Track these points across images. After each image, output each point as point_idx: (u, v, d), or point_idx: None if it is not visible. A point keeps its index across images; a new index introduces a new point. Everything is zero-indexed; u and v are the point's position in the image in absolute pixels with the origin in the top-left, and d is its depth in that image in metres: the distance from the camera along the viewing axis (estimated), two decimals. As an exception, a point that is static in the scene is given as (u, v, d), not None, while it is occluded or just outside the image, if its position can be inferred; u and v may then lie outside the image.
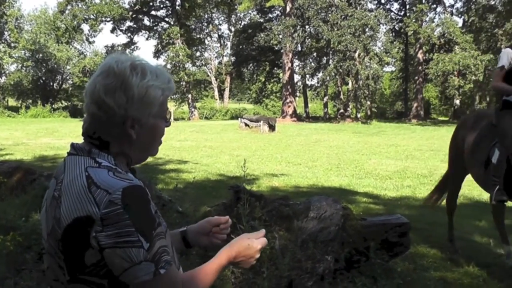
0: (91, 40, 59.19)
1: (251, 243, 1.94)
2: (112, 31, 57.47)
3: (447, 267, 6.56)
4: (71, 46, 57.75)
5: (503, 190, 5.77)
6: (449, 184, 7.79)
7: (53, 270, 1.83)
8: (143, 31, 60.11)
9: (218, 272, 1.89)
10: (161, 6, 58.42)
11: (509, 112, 5.74)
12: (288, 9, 48.66)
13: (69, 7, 51.92)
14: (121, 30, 58.21)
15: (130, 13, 55.10)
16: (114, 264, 1.68)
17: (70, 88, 61.78)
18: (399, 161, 18.55)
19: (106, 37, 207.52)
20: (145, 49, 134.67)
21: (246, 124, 34.64)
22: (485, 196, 11.71)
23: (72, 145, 1.89)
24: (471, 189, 12.60)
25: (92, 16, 52.36)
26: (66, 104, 60.18)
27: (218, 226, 2.28)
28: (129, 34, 58.97)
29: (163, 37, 55.57)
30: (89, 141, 1.86)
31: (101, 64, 1.90)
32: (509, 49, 5.80)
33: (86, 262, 1.72)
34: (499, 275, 6.24)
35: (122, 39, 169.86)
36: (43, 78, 59.31)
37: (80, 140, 1.92)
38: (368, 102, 51.47)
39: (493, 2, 51.08)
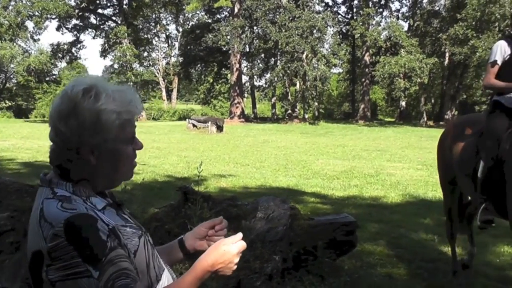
0: (36, 37, 57.64)
1: (227, 248, 1.84)
2: (58, 29, 56.43)
3: (393, 264, 6.66)
4: (15, 44, 56.16)
5: (491, 208, 4.97)
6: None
7: None
8: (90, 30, 59.30)
9: (195, 285, 1.80)
10: (108, 4, 57.74)
11: (500, 114, 5.08)
12: (236, 10, 48.67)
13: (12, 2, 50.77)
14: (67, 28, 57.24)
15: (76, 10, 54.15)
16: None
17: (14, 88, 60.22)
18: (346, 161, 18.75)
19: (52, 35, 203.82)
20: (92, 48, 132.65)
21: (194, 125, 34.53)
22: (429, 194, 11.99)
23: (40, 176, 1.85)
24: (416, 187, 12.89)
25: (36, 13, 51.08)
26: (10, 104, 58.80)
27: (213, 228, 2.21)
28: (75, 33, 58.07)
29: (110, 36, 54.92)
30: (53, 170, 1.84)
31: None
32: (502, 42, 5.20)
33: None
34: (444, 270, 6.39)
35: (68, 37, 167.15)
36: (-15, 77, 57.81)
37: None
38: (316, 103, 51.90)
39: (437, 8, 52.39)
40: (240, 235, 1.90)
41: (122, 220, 1.85)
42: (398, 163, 18.22)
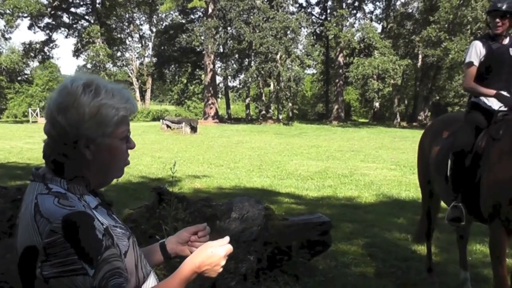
0: (7, 36, 56.84)
1: (215, 251, 1.88)
2: (30, 27, 55.73)
3: (367, 263, 6.71)
4: (-15, 42, 55.56)
5: (461, 207, 4.96)
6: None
7: None
8: (62, 29, 58.69)
9: (182, 285, 1.83)
10: (81, 3, 57.20)
11: (477, 113, 5.16)
12: (210, 10, 48.57)
13: (-18, 0, 49.93)
14: (39, 27, 56.55)
15: (49, 9, 53.52)
16: None
17: (-15, 87, 59.48)
18: (320, 161, 18.82)
19: (24, 33, 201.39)
20: (64, 47, 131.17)
21: (168, 126, 34.38)
22: (403, 194, 12.09)
23: (32, 171, 1.85)
24: (390, 187, 12.98)
25: (8, 11, 50.33)
26: (-19, 104, 58.06)
27: (196, 234, 2.23)
28: (47, 31, 57.40)
29: (83, 35, 54.43)
30: (47, 165, 1.83)
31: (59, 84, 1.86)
32: (477, 42, 5.25)
33: None
34: (417, 268, 6.46)
35: (41, 36, 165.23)
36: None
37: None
38: (290, 104, 52.02)
39: (410, 10, 52.88)
40: (227, 238, 1.94)
41: (113, 220, 1.87)
42: (372, 164, 18.33)
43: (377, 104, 55.98)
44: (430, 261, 6.14)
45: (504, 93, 4.95)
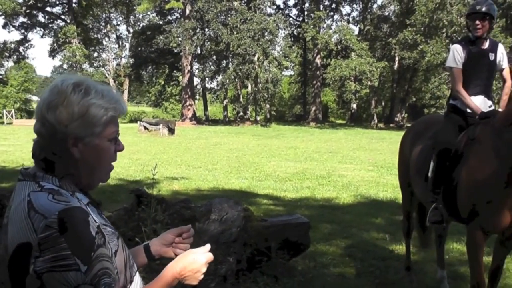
0: (-20, 35, 56.31)
1: (196, 258, 1.91)
2: (4, 26, 55.14)
3: (345, 263, 6.75)
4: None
5: (442, 208, 4.99)
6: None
7: None
8: (38, 28, 58.11)
9: None
10: (57, 2, 56.61)
11: (456, 115, 5.20)
12: (187, 11, 48.50)
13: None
14: (13, 26, 55.94)
15: (24, 8, 52.88)
16: None
17: (-42, 87, 58.66)
18: (298, 163, 18.87)
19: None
20: (40, 47, 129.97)
21: (146, 128, 34.22)
22: (380, 195, 12.17)
23: (21, 170, 1.85)
24: (367, 188, 13.06)
25: (-20, 9, 49.58)
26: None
27: (180, 236, 2.25)
28: (22, 31, 56.81)
29: (59, 35, 53.92)
30: (37, 164, 1.83)
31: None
32: (457, 46, 5.26)
33: None
34: (395, 267, 6.52)
35: (15, 35, 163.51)
36: None
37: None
38: (268, 105, 52.17)
39: (387, 13, 53.33)
40: (208, 246, 1.97)
41: (102, 219, 1.87)
42: (349, 165, 18.42)
43: (354, 106, 56.29)
44: (409, 260, 6.21)
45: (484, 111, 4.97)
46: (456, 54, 5.18)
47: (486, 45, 5.19)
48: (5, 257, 1.73)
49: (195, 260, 1.90)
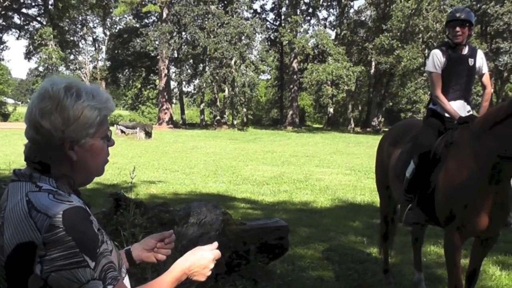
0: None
1: (205, 254, 1.98)
2: (-21, 28, 54.54)
3: (324, 266, 6.78)
4: None
5: (418, 210, 5.03)
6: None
7: None
8: (13, 30, 57.43)
9: (173, 285, 1.91)
10: (33, 4, 56.02)
11: (435, 120, 5.24)
12: (164, 15, 48.40)
13: None
14: (-12, 28, 55.37)
15: (-1, 9, 52.40)
16: (61, 287, 1.66)
17: None
18: (275, 167, 18.89)
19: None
20: (15, 49, 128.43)
21: (122, 131, 33.99)
22: (358, 198, 12.23)
23: (14, 171, 1.86)
24: (345, 192, 13.12)
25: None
26: None
27: (162, 241, 2.30)
28: (-3, 32, 56.22)
29: (35, 37, 53.31)
30: (31, 166, 1.84)
31: (38, 88, 1.87)
32: (437, 51, 5.30)
33: None
34: (373, 270, 6.56)
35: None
36: None
37: None
38: (244, 109, 52.11)
39: (363, 18, 53.69)
40: (215, 244, 2.05)
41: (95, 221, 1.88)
42: (326, 169, 18.49)
43: (331, 110, 56.51)
44: (387, 262, 6.25)
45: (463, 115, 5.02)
46: (436, 59, 5.24)
47: (466, 50, 5.26)
48: (1, 258, 1.73)
49: (203, 256, 1.97)
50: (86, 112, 1.81)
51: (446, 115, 5.13)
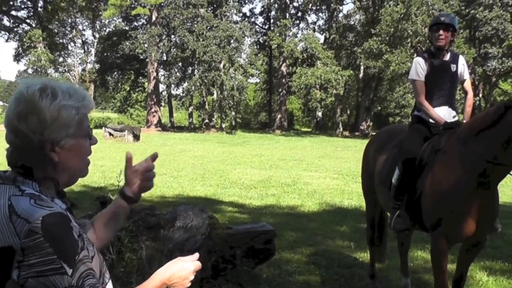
0: None
1: (185, 265, 1.96)
2: (-33, 29, 54.20)
3: (310, 271, 6.75)
4: None
5: (406, 216, 4.99)
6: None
7: None
8: (3, 32, 57.14)
9: None
10: (22, 6, 55.78)
11: (420, 126, 5.26)
12: (154, 18, 48.30)
13: None
14: (-23, 30, 55.07)
15: (-12, 11, 52.12)
16: None
17: None
18: (263, 170, 18.88)
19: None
20: (4, 51, 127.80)
21: (111, 134, 33.90)
22: (345, 202, 12.23)
23: (0, 174, 1.83)
24: (332, 196, 13.12)
25: None
26: None
27: (142, 171, 2.47)
28: (-14, 35, 55.92)
29: (24, 39, 53.08)
30: (15, 170, 1.82)
31: (14, 92, 1.85)
32: (419, 59, 5.33)
33: None
34: (360, 275, 6.55)
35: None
36: None
37: None
38: (233, 113, 52.04)
39: (352, 22, 53.86)
40: (196, 255, 2.04)
41: (78, 225, 1.86)
42: (314, 173, 18.50)
43: (319, 114, 56.59)
44: (373, 267, 6.24)
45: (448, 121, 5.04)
46: (418, 67, 5.28)
47: (448, 57, 5.31)
48: None
49: (183, 267, 1.96)
50: (63, 112, 1.79)
51: (431, 121, 5.15)
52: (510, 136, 4.02)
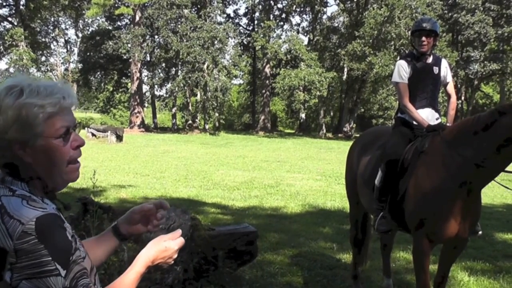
0: None
1: (168, 245, 1.96)
2: None
3: (293, 272, 6.76)
4: None
5: (389, 217, 5.04)
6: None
7: None
8: (-17, 30, 56.62)
9: (138, 281, 1.91)
10: (3, 4, 55.17)
11: (403, 128, 5.30)
12: (137, 18, 48.08)
13: None
14: (-43, 28, 54.42)
15: (-32, 9, 51.55)
16: None
17: None
18: (246, 172, 18.88)
19: None
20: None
21: (93, 134, 33.75)
22: (328, 204, 12.26)
23: None
24: (315, 197, 13.15)
25: None
26: None
27: (145, 213, 2.24)
28: (-34, 32, 55.27)
29: (6, 38, 52.49)
30: (2, 170, 1.79)
31: None
32: (402, 62, 5.37)
33: None
34: (342, 276, 6.57)
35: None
36: None
37: None
38: (216, 114, 51.97)
39: (336, 24, 54.05)
40: (179, 231, 2.03)
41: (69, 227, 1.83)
42: (297, 174, 18.52)
43: (303, 115, 56.69)
44: (356, 269, 6.25)
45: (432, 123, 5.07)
46: (401, 70, 5.33)
47: (430, 59, 5.36)
48: None
49: (167, 248, 1.96)
50: (25, 110, 1.71)
51: (415, 123, 5.17)
52: (504, 140, 4.04)
